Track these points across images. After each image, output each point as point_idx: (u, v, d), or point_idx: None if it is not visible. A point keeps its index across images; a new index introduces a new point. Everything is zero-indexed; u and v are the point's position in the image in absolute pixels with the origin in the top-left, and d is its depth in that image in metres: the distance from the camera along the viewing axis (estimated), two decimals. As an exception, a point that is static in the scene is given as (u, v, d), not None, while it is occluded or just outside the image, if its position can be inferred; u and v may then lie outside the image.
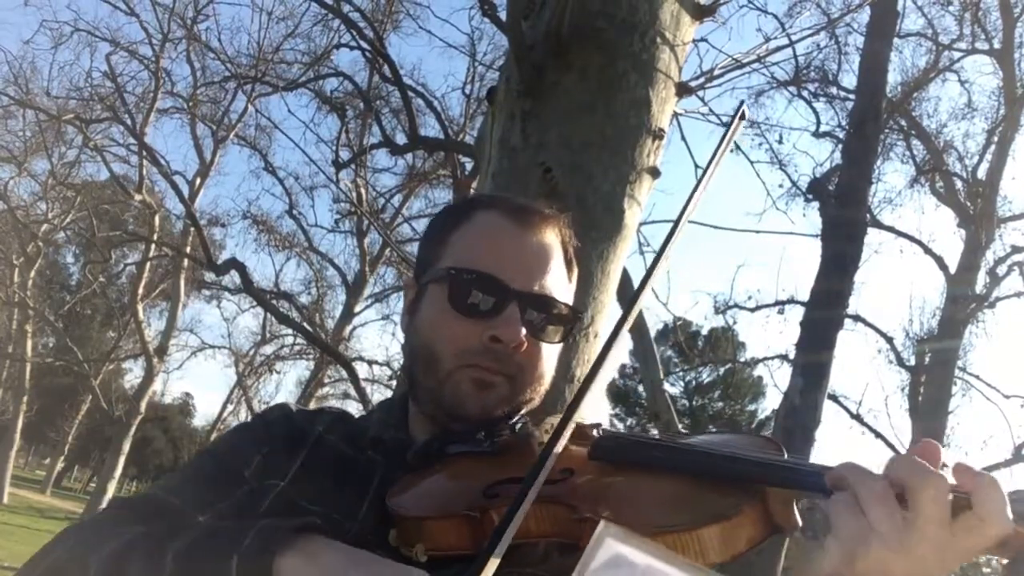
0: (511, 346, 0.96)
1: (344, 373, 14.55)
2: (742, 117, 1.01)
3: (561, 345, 1.06)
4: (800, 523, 0.78)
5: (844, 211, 7.32)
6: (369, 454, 1.01)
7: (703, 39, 4.28)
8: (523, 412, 1.04)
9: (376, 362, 19.81)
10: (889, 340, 15.00)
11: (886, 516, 0.67)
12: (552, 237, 1.05)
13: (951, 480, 0.69)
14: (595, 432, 0.94)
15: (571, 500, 0.80)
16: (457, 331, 0.98)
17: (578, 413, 0.82)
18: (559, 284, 1.03)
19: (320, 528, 0.77)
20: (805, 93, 12.23)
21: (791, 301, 12.71)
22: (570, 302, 1.06)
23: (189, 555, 0.77)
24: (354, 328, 20.59)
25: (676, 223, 0.89)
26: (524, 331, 0.97)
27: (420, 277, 1.06)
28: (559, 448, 0.79)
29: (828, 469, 0.73)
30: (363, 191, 14.85)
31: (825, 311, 6.85)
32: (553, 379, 1.09)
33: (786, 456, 0.80)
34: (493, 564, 0.65)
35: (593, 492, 0.80)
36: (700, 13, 2.69)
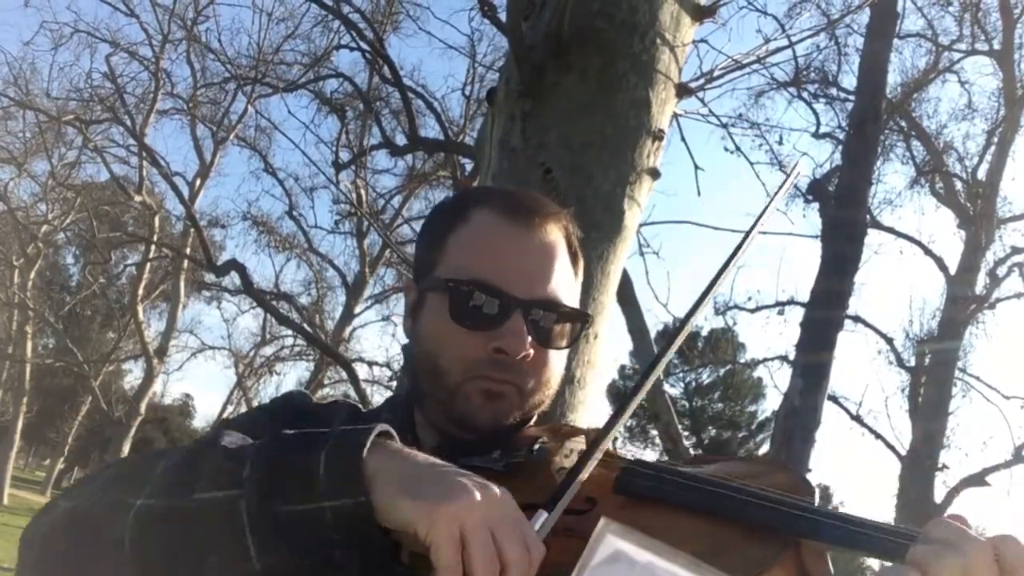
0: (517, 357, 0.93)
1: (344, 374, 14.55)
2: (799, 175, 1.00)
3: (569, 348, 1.03)
4: (832, 573, 0.76)
5: (844, 212, 7.32)
6: None
7: (703, 40, 4.26)
8: (534, 417, 1.02)
9: (376, 363, 19.84)
10: (889, 341, 15.03)
11: None
12: (555, 234, 1.00)
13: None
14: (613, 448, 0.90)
15: None
16: (461, 343, 0.95)
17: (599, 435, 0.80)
18: (564, 286, 0.99)
19: (393, 434, 0.77)
20: (805, 94, 12.27)
21: (791, 302, 12.73)
22: (576, 301, 1.03)
23: (271, 450, 0.75)
24: (354, 329, 20.63)
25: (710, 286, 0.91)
26: (530, 340, 0.94)
27: (419, 280, 1.03)
28: (585, 475, 0.77)
29: (871, 527, 0.72)
30: (363, 192, 14.85)
31: (825, 312, 6.85)
32: None
33: (817, 501, 0.77)
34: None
35: None
36: (700, 14, 2.69)
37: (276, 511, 0.71)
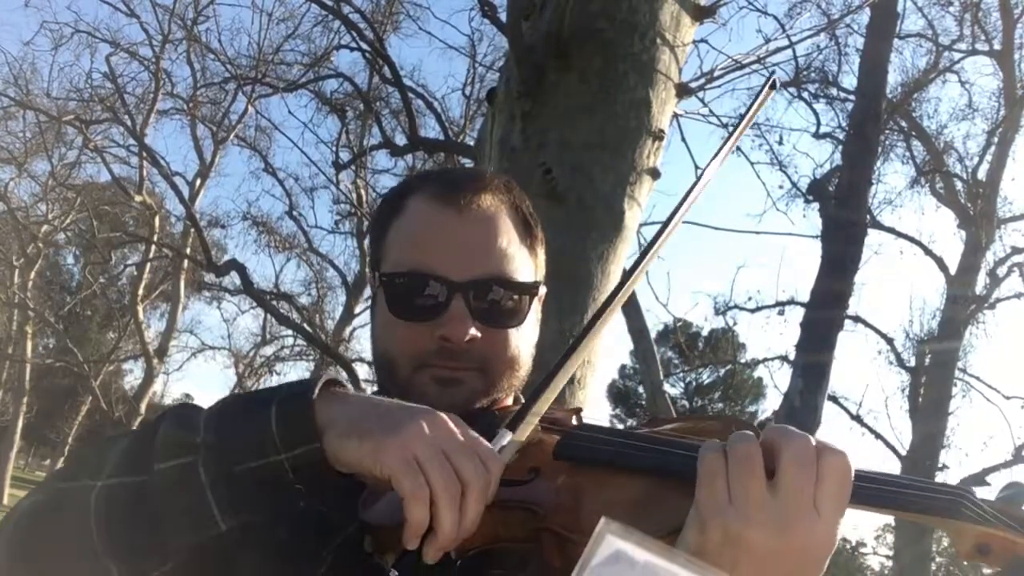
0: (462, 342, 0.90)
1: (344, 374, 14.54)
2: (772, 86, 0.98)
3: (534, 321, 1.00)
4: None
5: (844, 212, 7.32)
6: None
7: (703, 40, 4.29)
8: (508, 400, 1.00)
9: (376, 363, 19.78)
10: (889, 341, 15.02)
11: (744, 485, 0.65)
12: (495, 205, 0.97)
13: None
14: (574, 419, 0.90)
15: (534, 506, 0.77)
16: (407, 336, 0.93)
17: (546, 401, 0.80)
18: (510, 258, 0.95)
19: (341, 381, 0.79)
20: (805, 94, 12.25)
21: (791, 302, 12.71)
22: (531, 270, 0.99)
23: (221, 413, 0.76)
24: (354, 329, 20.60)
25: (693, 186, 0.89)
26: (475, 323, 0.91)
27: (373, 279, 1.02)
28: (523, 437, 0.78)
29: None
30: (363, 192, 14.87)
31: (825, 312, 6.85)
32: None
33: None
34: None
35: (557, 498, 0.77)
36: (700, 14, 2.69)
37: (233, 471, 0.72)
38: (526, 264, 0.98)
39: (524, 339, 0.98)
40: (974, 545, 0.65)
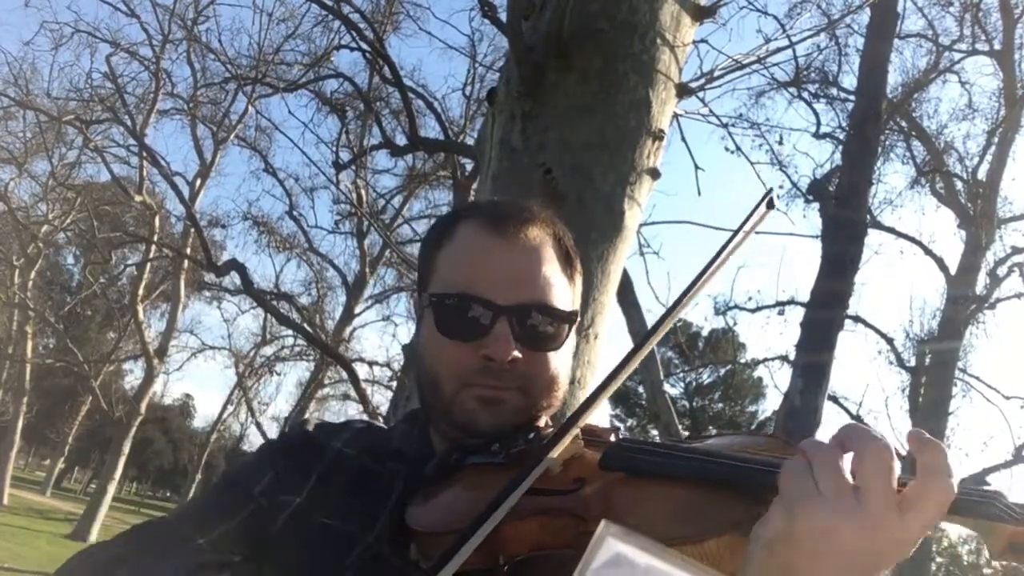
0: (505, 362, 0.95)
1: (344, 374, 14.57)
2: (770, 205, 0.98)
3: (571, 346, 1.05)
4: None
5: (844, 212, 7.32)
6: (390, 465, 1.02)
7: (703, 40, 4.27)
8: (544, 419, 1.03)
9: (376, 363, 19.87)
10: (889, 341, 15.04)
11: (834, 480, 0.66)
12: (541, 237, 1.02)
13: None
14: (612, 437, 0.92)
15: (582, 512, 0.79)
16: (453, 355, 0.98)
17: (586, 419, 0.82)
18: (551, 287, 1.01)
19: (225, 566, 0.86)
20: (805, 94, 12.28)
21: (791, 302, 12.74)
22: (569, 300, 1.04)
23: None
24: (354, 329, 20.65)
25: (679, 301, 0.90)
26: (517, 345, 0.96)
27: (420, 299, 1.07)
28: (555, 454, 0.79)
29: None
30: (363, 192, 14.87)
31: (825, 312, 6.85)
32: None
33: None
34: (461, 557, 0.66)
35: (603, 504, 0.79)
36: (700, 14, 2.69)
37: None
38: (566, 293, 1.03)
39: (562, 363, 1.03)
40: (1008, 543, 0.68)
